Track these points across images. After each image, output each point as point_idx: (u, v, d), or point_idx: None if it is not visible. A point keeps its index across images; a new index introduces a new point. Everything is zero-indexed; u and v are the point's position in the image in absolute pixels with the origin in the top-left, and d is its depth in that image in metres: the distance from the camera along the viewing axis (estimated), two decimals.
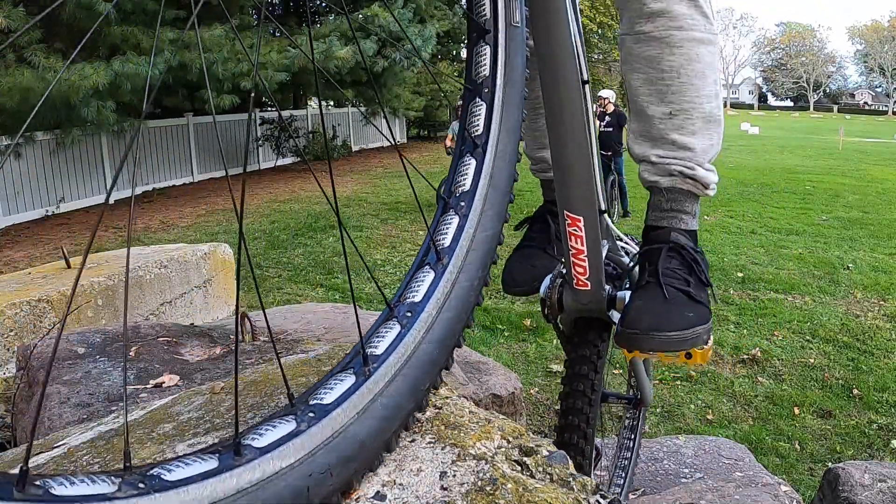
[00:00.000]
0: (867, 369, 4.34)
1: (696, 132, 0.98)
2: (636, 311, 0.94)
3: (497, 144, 0.73)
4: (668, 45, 0.95)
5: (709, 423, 3.68)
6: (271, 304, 5.23)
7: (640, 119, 1.01)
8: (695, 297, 0.95)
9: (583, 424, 1.17)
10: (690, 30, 0.94)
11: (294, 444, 0.48)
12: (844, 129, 24.80)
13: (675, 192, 1.00)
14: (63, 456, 0.74)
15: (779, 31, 70.88)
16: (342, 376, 0.55)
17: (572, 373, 1.19)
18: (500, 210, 0.72)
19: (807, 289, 5.97)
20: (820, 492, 2.13)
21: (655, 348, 0.92)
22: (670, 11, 0.94)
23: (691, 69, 0.95)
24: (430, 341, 0.61)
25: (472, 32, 0.78)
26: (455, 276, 0.65)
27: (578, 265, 1.03)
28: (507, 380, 2.30)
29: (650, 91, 0.98)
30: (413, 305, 0.62)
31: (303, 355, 0.99)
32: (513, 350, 4.56)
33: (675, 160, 0.98)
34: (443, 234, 0.68)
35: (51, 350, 1.52)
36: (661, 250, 0.98)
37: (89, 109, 7.63)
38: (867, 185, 12.41)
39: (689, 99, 0.97)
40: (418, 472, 0.64)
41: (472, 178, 0.71)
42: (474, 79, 0.76)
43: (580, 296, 1.07)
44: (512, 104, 0.76)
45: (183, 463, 0.44)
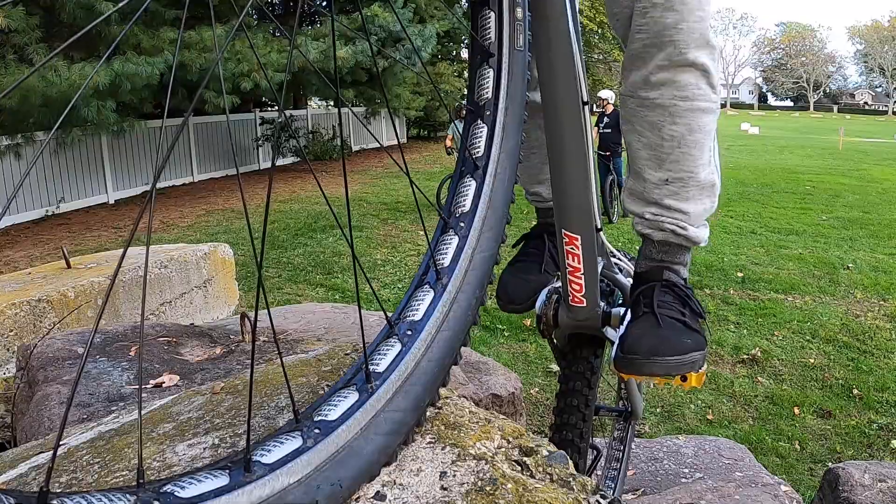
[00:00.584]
0: (867, 369, 4.34)
1: (690, 199, 1.00)
2: (636, 338, 0.96)
3: (497, 167, 0.75)
4: (671, 115, 0.96)
5: (709, 423, 3.68)
6: (271, 304, 5.23)
7: (636, 179, 1.03)
8: (690, 326, 0.98)
9: (576, 439, 1.19)
10: (695, 100, 0.95)
11: (301, 461, 0.50)
12: (844, 129, 24.81)
13: (666, 245, 1.03)
14: (63, 456, 0.74)
15: (779, 31, 70.88)
16: (346, 393, 0.57)
17: (566, 388, 1.21)
18: (498, 231, 0.74)
19: (807, 289, 5.97)
20: (820, 492, 2.13)
21: (655, 373, 0.94)
22: (677, 81, 0.94)
23: (692, 139, 0.97)
24: (430, 359, 0.63)
25: (476, 55, 0.79)
26: (454, 296, 0.67)
27: (575, 282, 1.05)
28: (507, 380, 2.30)
29: (649, 155, 0.99)
30: (413, 324, 0.64)
31: (303, 355, 0.99)
32: (513, 350, 4.57)
33: (668, 219, 1.01)
34: (442, 253, 0.69)
35: (51, 350, 1.52)
36: (654, 287, 1.01)
37: (89, 109, 7.63)
38: (867, 185, 12.41)
39: (687, 168, 0.98)
40: (418, 472, 0.64)
41: (471, 199, 0.73)
42: (476, 101, 0.78)
43: (576, 312, 1.10)
44: (512, 128, 0.77)
45: (196, 479, 0.45)
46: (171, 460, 0.68)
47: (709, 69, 0.95)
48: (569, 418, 1.19)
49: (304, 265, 6.59)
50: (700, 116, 0.96)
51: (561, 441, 1.18)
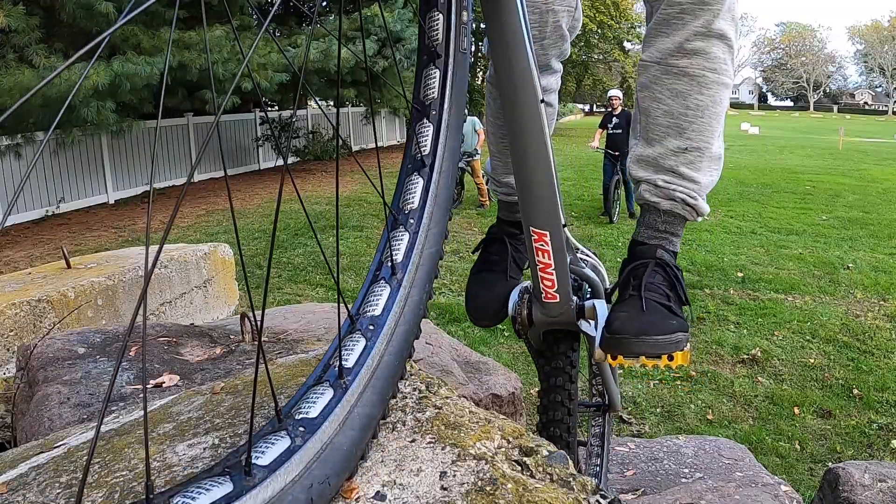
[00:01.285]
0: (867, 369, 4.34)
1: (702, 169, 1.02)
2: (623, 320, 0.97)
3: (442, 164, 0.77)
4: (699, 84, 0.97)
5: (709, 423, 3.68)
6: (271, 304, 5.23)
7: (649, 145, 1.03)
8: (674, 311, 0.99)
9: (564, 434, 1.20)
10: (722, 73, 0.97)
11: (295, 460, 0.50)
12: (844, 129, 24.82)
13: (671, 216, 1.04)
14: (63, 456, 0.74)
15: (779, 31, 70.89)
16: (320, 389, 0.58)
17: (548, 385, 1.22)
18: (442, 228, 0.76)
19: (807, 289, 5.97)
20: (820, 492, 2.13)
21: (644, 351, 0.95)
22: (709, 53, 0.96)
23: (714, 111, 0.99)
24: (391, 353, 0.65)
25: (423, 55, 0.81)
26: (408, 291, 0.69)
27: (546, 278, 1.05)
28: (507, 380, 2.30)
29: (669, 123, 1.00)
30: (374, 319, 0.65)
31: (303, 355, 0.99)
32: (513, 350, 4.57)
33: (681, 188, 1.02)
34: (396, 249, 0.71)
35: (51, 350, 1.52)
36: (647, 265, 1.01)
37: (89, 110, 7.63)
38: (867, 185, 12.41)
39: (706, 139, 1.00)
40: (418, 472, 0.64)
41: (420, 195, 0.74)
42: (422, 100, 0.79)
43: (549, 308, 1.10)
44: (456, 127, 0.80)
45: (203, 489, 0.45)
46: (171, 460, 0.68)
47: (734, 45, 0.98)
48: (554, 414, 1.20)
49: (304, 265, 6.59)
50: (722, 90, 0.98)
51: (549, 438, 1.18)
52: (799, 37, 66.95)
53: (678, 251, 1.07)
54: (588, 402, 1.76)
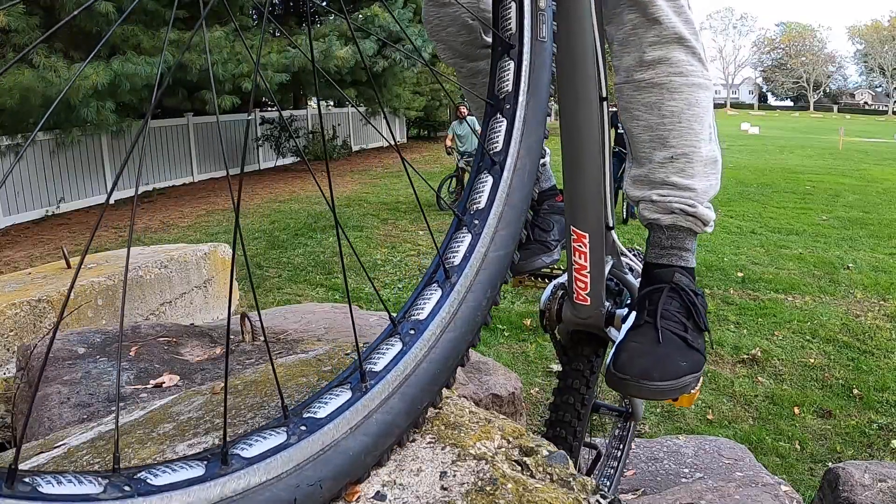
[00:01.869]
0: (867, 369, 4.34)
1: (696, 175, 1.00)
2: (629, 355, 0.93)
3: (516, 162, 0.72)
4: (668, 91, 0.96)
5: (709, 423, 3.68)
6: (271, 304, 5.23)
7: (640, 165, 1.03)
8: (690, 343, 0.95)
9: (569, 437, 1.18)
10: (689, 75, 0.96)
11: (282, 457, 0.49)
12: (844, 129, 24.81)
13: (675, 230, 1.01)
14: (63, 456, 0.74)
15: (779, 31, 70.87)
16: (338, 391, 0.56)
17: (564, 385, 1.20)
18: (516, 229, 0.71)
19: (807, 289, 5.97)
20: (820, 492, 2.13)
21: (643, 396, 0.93)
22: (669, 58, 0.95)
23: (691, 114, 0.97)
24: (432, 360, 0.61)
25: (497, 47, 0.77)
26: (463, 296, 0.65)
27: (580, 280, 1.04)
28: (507, 380, 2.30)
29: (651, 137, 0.99)
30: (417, 323, 0.62)
31: (303, 355, 0.99)
32: (513, 350, 4.57)
33: (676, 198, 1.00)
34: (454, 251, 0.67)
35: (51, 350, 1.52)
36: (662, 290, 0.99)
37: (89, 110, 7.63)
38: (867, 185, 12.41)
39: (690, 143, 0.98)
40: (418, 472, 0.64)
41: (487, 195, 0.70)
42: (496, 94, 0.75)
43: (579, 310, 1.09)
44: (534, 121, 0.74)
45: (170, 468, 0.45)
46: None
47: (695, 46, 0.97)
48: (564, 415, 1.19)
49: (304, 265, 6.59)
50: (696, 91, 0.97)
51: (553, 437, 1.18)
52: (799, 37, 66.95)
53: (694, 267, 1.04)
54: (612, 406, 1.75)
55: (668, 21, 0.94)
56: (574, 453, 1.19)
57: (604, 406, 1.66)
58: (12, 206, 8.81)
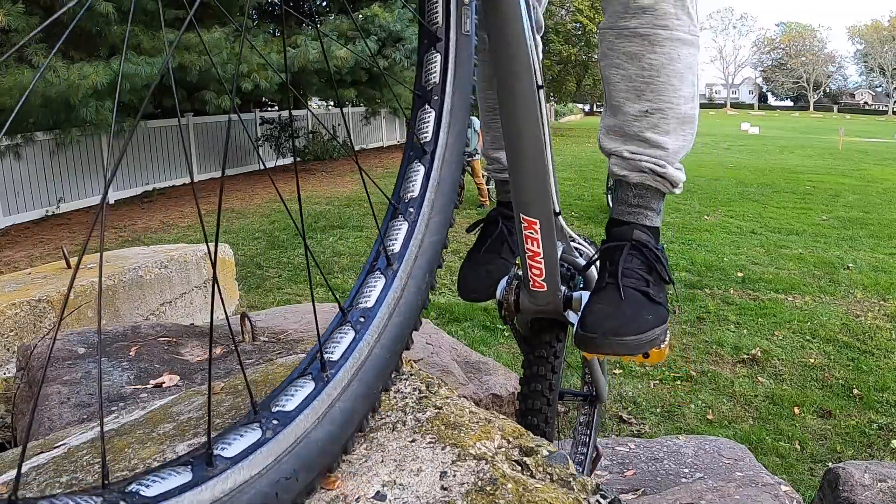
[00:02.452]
0: (867, 369, 4.34)
1: (671, 132, 0.98)
2: (595, 315, 0.94)
3: (445, 151, 0.75)
4: (650, 43, 0.94)
5: (709, 423, 3.68)
6: (271, 304, 5.24)
7: (614, 114, 1.00)
8: (653, 298, 0.96)
9: (542, 424, 1.20)
10: (675, 29, 0.93)
11: (262, 452, 0.49)
12: (844, 129, 24.82)
13: (643, 188, 1.00)
14: (63, 456, 0.74)
15: (779, 31, 70.88)
16: (301, 382, 0.57)
17: (530, 373, 1.21)
18: (447, 215, 0.74)
19: (807, 289, 5.97)
20: (820, 492, 2.13)
21: (614, 352, 0.93)
22: (656, 10, 0.92)
23: (672, 69, 0.95)
24: (383, 346, 0.63)
25: (424, 39, 0.79)
26: (405, 282, 0.67)
27: (535, 267, 1.04)
28: (507, 380, 2.30)
29: (628, 87, 0.97)
30: (366, 311, 0.63)
31: (302, 355, 0.99)
32: (513, 350, 4.56)
33: (647, 157, 0.98)
34: (392, 239, 0.69)
35: (51, 350, 1.52)
36: (622, 248, 0.98)
37: (88, 110, 7.63)
38: (867, 185, 12.41)
39: (667, 98, 0.96)
40: (418, 472, 0.64)
41: (420, 184, 0.72)
42: (424, 85, 0.77)
43: (536, 297, 1.09)
44: (460, 112, 0.77)
45: (159, 477, 0.45)
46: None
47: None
48: (533, 403, 1.20)
49: (304, 265, 6.58)
50: (679, 46, 0.94)
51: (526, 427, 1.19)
52: (799, 37, 66.96)
53: (658, 226, 1.03)
54: (576, 391, 1.76)
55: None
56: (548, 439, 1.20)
57: (567, 392, 1.68)
58: (12, 206, 8.81)
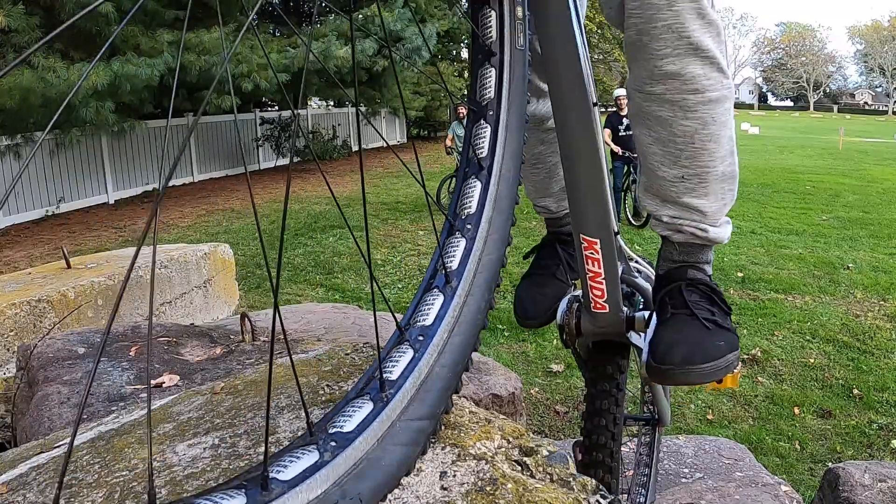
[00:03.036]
0: (867, 369, 4.34)
1: (709, 194, 0.95)
2: (667, 345, 0.92)
3: (501, 167, 0.74)
4: (681, 109, 0.89)
5: (709, 423, 3.68)
6: (271, 304, 5.23)
7: (649, 176, 0.98)
8: (721, 325, 0.94)
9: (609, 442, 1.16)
10: (705, 91, 0.88)
11: (321, 475, 0.48)
12: (844, 129, 24.82)
13: (687, 246, 0.99)
14: (63, 456, 0.74)
15: (779, 31, 70.88)
16: (359, 402, 0.55)
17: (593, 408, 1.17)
18: (504, 233, 0.73)
19: (807, 289, 5.97)
20: (820, 492, 2.13)
21: (692, 382, 0.91)
22: (683, 74, 0.87)
23: (706, 133, 0.91)
24: (443, 365, 0.61)
25: (478, 54, 0.78)
26: (464, 300, 0.66)
27: (596, 288, 1.02)
28: (507, 380, 2.30)
29: (662, 152, 0.94)
30: (424, 329, 0.62)
31: (303, 355, 0.99)
32: (513, 350, 4.57)
33: (687, 222, 0.96)
34: (450, 256, 0.68)
35: (51, 350, 1.52)
36: (679, 287, 0.96)
37: (88, 110, 7.63)
38: (867, 185, 12.41)
39: (703, 164, 0.93)
40: (418, 472, 0.64)
41: (477, 200, 0.71)
42: (479, 101, 0.76)
43: (598, 319, 1.07)
44: (515, 127, 0.76)
45: (211, 500, 0.44)
46: (172, 460, 0.68)
47: (714, 53, 0.87)
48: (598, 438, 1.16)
49: (304, 265, 6.59)
50: (713, 108, 0.89)
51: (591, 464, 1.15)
52: (799, 37, 66.96)
53: (711, 275, 1.01)
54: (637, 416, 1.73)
55: (683, 28, 0.85)
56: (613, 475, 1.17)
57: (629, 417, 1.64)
58: (12, 206, 8.81)
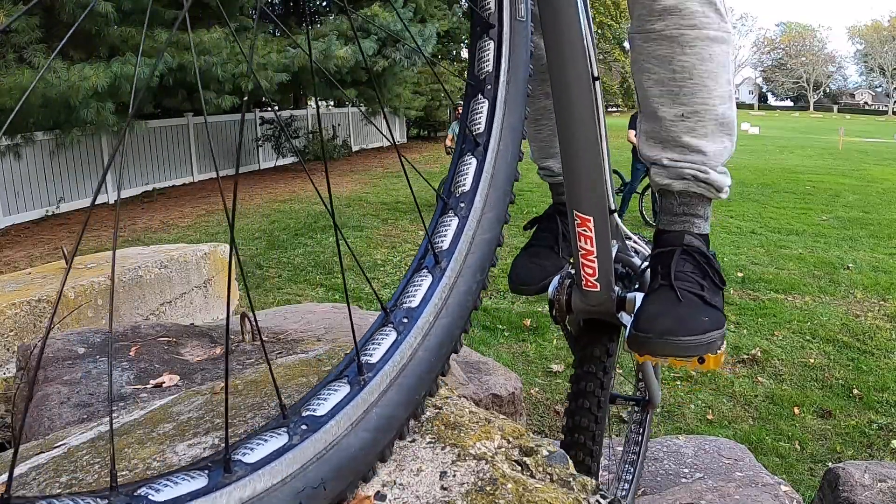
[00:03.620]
0: (867, 369, 4.34)
1: (709, 135, 0.95)
2: (649, 315, 0.91)
3: (499, 143, 0.71)
4: (679, 45, 0.91)
5: (709, 423, 3.68)
6: (271, 304, 5.23)
7: (650, 120, 0.98)
8: (709, 301, 0.93)
9: (591, 425, 1.15)
10: (703, 28, 0.90)
11: (286, 459, 0.47)
12: (844, 129, 24.82)
13: (687, 196, 0.98)
14: (63, 456, 0.74)
15: (779, 31, 70.89)
16: (336, 386, 0.54)
17: (581, 372, 1.17)
18: (501, 212, 0.70)
19: (807, 289, 5.97)
20: (820, 492, 2.13)
21: (669, 353, 0.90)
22: (682, 9, 0.89)
23: (704, 69, 0.92)
24: (427, 348, 0.59)
25: (476, 27, 0.75)
26: (453, 281, 0.63)
27: (588, 266, 1.01)
28: (507, 380, 2.30)
29: (661, 92, 0.95)
30: (410, 311, 0.60)
31: (303, 355, 0.99)
32: (513, 350, 4.56)
33: (688, 164, 0.96)
34: (441, 235, 0.65)
35: (51, 350, 1.52)
36: (673, 253, 0.95)
37: (88, 110, 7.63)
38: (867, 185, 12.41)
39: (702, 100, 0.93)
40: (418, 472, 0.64)
41: (472, 177, 0.69)
42: (477, 74, 0.74)
43: (589, 297, 1.06)
44: (515, 101, 0.73)
45: (171, 482, 0.43)
46: (172, 460, 0.68)
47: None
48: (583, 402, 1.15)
49: (304, 265, 6.59)
50: (710, 45, 0.91)
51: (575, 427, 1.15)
52: (799, 37, 66.95)
53: (707, 233, 1.00)
54: (628, 396, 1.73)
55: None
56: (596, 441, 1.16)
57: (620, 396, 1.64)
58: (12, 206, 8.81)
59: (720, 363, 0.93)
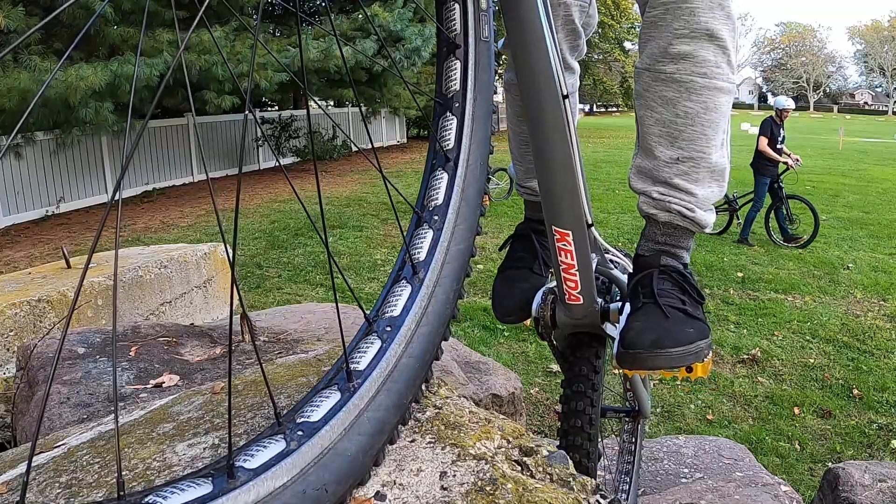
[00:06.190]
0: (867, 369, 4.34)
1: (700, 181, 0.97)
2: (637, 331, 0.92)
3: (468, 158, 0.74)
4: (687, 90, 0.92)
5: (709, 423, 3.68)
6: (271, 304, 5.23)
7: (646, 157, 0.99)
8: (692, 314, 0.95)
9: (585, 443, 1.17)
10: (714, 78, 0.91)
11: (286, 464, 0.49)
12: (844, 129, 24.81)
13: (671, 227, 0.99)
14: (63, 456, 0.74)
15: (779, 31, 70.90)
16: (327, 393, 0.56)
17: (571, 392, 1.18)
18: (472, 223, 0.73)
19: (807, 289, 5.97)
20: (820, 492, 2.13)
21: (660, 365, 0.91)
22: (696, 57, 0.90)
23: (707, 118, 0.93)
24: (411, 355, 0.62)
25: (443, 47, 0.79)
26: (432, 290, 0.66)
27: (569, 279, 1.03)
28: (507, 380, 2.30)
29: (661, 132, 0.96)
30: (392, 320, 0.63)
31: (303, 355, 0.99)
32: (513, 350, 4.56)
33: (676, 200, 0.97)
34: (418, 248, 0.69)
35: (51, 350, 1.52)
36: (651, 274, 0.97)
37: (87, 110, 7.63)
38: (867, 185, 12.41)
39: (700, 148, 0.95)
40: (418, 472, 0.64)
41: (444, 191, 0.72)
42: (444, 93, 0.77)
43: (573, 310, 1.07)
44: (481, 118, 0.77)
45: (178, 489, 0.44)
46: (172, 460, 0.68)
47: (727, 45, 0.91)
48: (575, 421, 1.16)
49: (304, 265, 6.59)
50: (717, 95, 0.93)
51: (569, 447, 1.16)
52: (799, 37, 66.95)
53: (687, 262, 1.01)
54: (618, 407, 1.74)
55: (702, 12, 0.88)
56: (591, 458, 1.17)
57: (610, 409, 1.65)
58: (12, 206, 8.81)
59: (707, 371, 0.95)
